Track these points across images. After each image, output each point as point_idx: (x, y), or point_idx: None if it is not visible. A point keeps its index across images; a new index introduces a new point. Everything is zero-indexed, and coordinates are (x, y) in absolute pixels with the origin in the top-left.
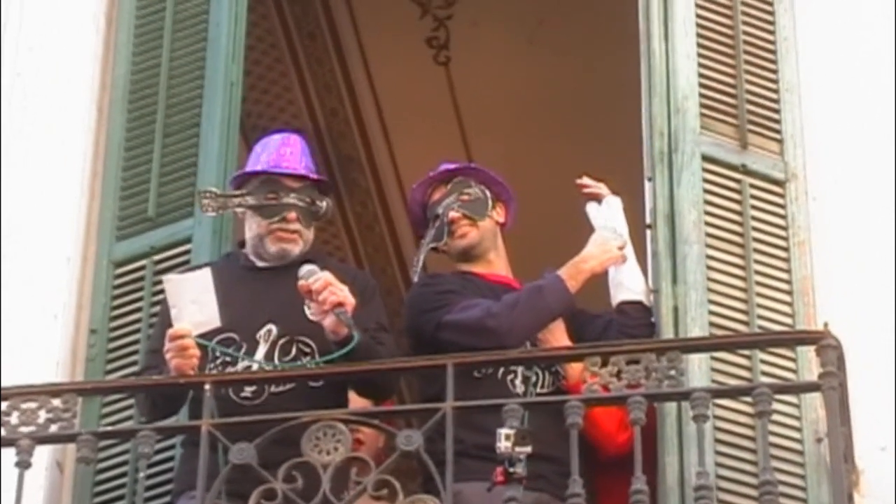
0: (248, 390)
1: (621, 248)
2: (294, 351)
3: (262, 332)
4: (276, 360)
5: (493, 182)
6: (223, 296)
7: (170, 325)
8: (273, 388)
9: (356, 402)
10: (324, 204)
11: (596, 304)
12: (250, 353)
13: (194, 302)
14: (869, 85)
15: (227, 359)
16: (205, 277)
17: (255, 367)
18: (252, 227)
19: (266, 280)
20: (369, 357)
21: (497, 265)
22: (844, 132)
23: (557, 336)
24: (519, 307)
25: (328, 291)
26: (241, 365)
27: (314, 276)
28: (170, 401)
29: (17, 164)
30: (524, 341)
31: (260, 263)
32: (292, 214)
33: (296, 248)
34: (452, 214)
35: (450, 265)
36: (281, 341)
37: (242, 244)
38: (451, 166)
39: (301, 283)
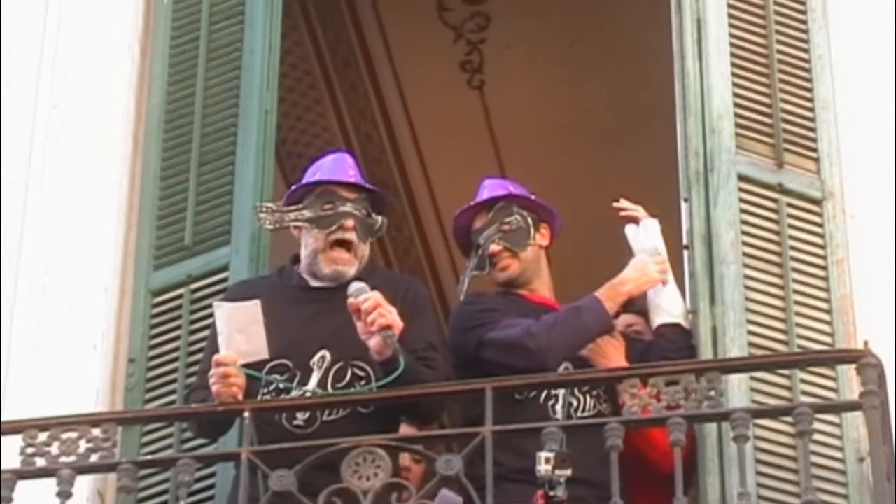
0: (301, 418)
1: (662, 269)
2: (349, 376)
3: (316, 358)
4: (329, 387)
5: (534, 205)
6: (275, 319)
7: (217, 349)
8: (326, 417)
9: (403, 428)
10: (379, 218)
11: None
12: (304, 381)
13: (241, 332)
14: None
15: (281, 386)
16: (254, 310)
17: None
18: (308, 242)
19: (319, 302)
20: (415, 382)
21: (540, 290)
22: (881, 149)
23: (612, 357)
24: (557, 327)
25: (377, 313)
26: (294, 394)
27: (364, 295)
28: (214, 425)
29: (53, 194)
30: (562, 362)
31: (314, 283)
32: (349, 222)
33: (350, 270)
34: (493, 248)
35: (494, 284)
36: (335, 367)
37: (295, 259)
38: (491, 193)
39: (350, 300)
